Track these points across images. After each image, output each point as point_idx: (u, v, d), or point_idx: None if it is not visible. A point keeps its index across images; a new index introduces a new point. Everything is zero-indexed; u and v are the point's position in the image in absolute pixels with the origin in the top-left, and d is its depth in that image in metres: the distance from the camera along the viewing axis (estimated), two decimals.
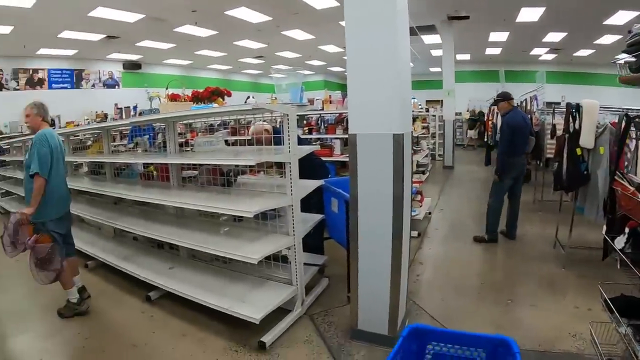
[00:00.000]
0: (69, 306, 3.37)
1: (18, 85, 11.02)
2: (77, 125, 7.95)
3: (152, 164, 4.28)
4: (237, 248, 2.84)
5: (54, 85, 11.83)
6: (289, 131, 2.89)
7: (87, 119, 10.35)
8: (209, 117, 4.33)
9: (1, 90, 10.78)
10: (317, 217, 3.49)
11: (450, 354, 1.65)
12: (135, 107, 6.60)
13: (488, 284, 3.75)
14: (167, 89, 3.80)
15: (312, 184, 3.32)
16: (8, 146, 7.89)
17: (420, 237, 5.13)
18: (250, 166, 3.82)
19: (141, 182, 4.46)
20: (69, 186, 3.58)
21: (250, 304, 2.89)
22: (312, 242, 3.69)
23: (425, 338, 1.67)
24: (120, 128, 6.11)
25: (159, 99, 4.07)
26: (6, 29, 8.42)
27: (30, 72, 11.29)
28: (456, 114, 12.78)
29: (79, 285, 3.58)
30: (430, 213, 6.18)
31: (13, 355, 2.91)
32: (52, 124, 3.49)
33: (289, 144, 2.90)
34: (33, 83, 11.35)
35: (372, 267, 2.68)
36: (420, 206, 5.59)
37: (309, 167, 3.50)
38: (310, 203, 3.57)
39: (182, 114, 3.40)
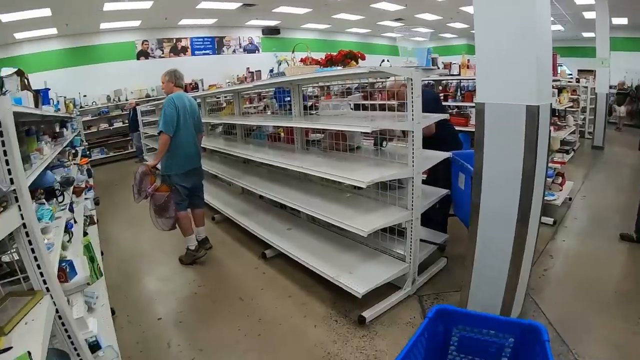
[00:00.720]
0: (188, 254, 3.82)
1: (163, 53, 12.26)
2: (219, 88, 8.81)
3: (277, 126, 4.48)
4: (350, 218, 2.77)
5: (196, 52, 12.81)
6: (412, 97, 2.66)
7: (229, 82, 11.33)
8: (330, 79, 4.30)
9: (147, 59, 12.05)
10: (441, 192, 3.20)
11: (477, 337, 1.59)
12: (271, 71, 7.01)
13: (623, 294, 2.99)
14: (293, 52, 3.87)
15: (438, 156, 3.03)
16: (154, 108, 9.10)
17: (556, 225, 4.37)
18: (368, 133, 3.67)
19: (268, 144, 4.68)
20: (204, 145, 4.05)
21: (357, 276, 2.84)
22: (436, 218, 3.48)
23: (452, 320, 1.62)
24: (257, 90, 6.53)
25: (287, 62, 4.21)
26: (147, 4, 9.20)
27: (174, 41, 12.36)
28: (610, 87, 10.50)
29: (202, 236, 3.99)
30: (570, 199, 5.23)
31: (132, 292, 3.46)
32: (185, 89, 3.81)
33: (413, 111, 2.67)
34: (177, 51, 12.46)
35: (490, 253, 2.38)
36: (560, 190, 4.77)
37: (440, 136, 3.26)
38: (437, 176, 3.32)
39: (304, 76, 3.44)
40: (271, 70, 4.33)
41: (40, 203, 2.31)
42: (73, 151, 5.18)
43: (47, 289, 1.48)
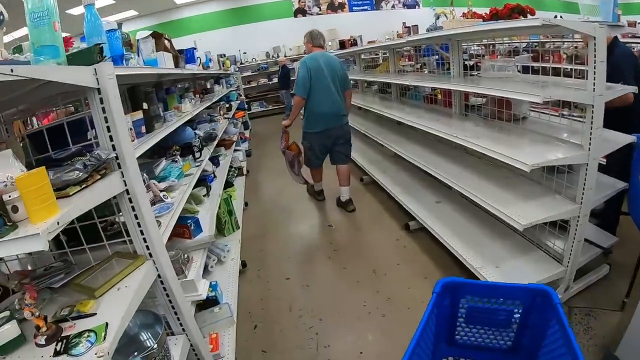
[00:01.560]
0: (311, 190, 4.28)
1: (320, 10, 12.36)
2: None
3: (434, 88, 3.97)
4: (506, 204, 2.26)
5: (354, 8, 12.61)
6: (594, 61, 1.90)
7: (388, 38, 10.80)
8: (494, 35, 3.53)
9: (305, 16, 12.23)
10: (618, 184, 2.38)
11: (486, 307, 1.56)
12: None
13: None
14: (451, 4, 3.34)
15: (620, 139, 2.22)
16: None
17: None
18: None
19: (424, 106, 4.20)
20: (357, 104, 3.97)
21: (503, 272, 2.36)
22: (606, 216, 2.74)
23: (459, 292, 1.58)
24: (409, 46, 6.04)
25: (445, 15, 3.68)
26: None
27: None
28: None
29: (346, 197, 4.04)
30: None
31: (268, 247, 3.58)
32: (343, 45, 4.07)
33: (595, 79, 1.93)
34: (334, 7, 12.42)
35: None
36: None
37: (629, 112, 2.46)
38: (610, 161, 2.56)
39: (462, 30, 2.87)
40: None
41: (173, 160, 2.47)
42: (227, 105, 5.62)
43: (150, 255, 1.49)
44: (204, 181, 3.13)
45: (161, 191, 2.00)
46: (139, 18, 11.24)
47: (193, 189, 3.02)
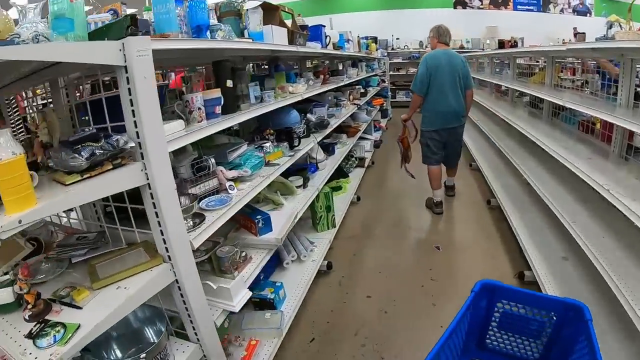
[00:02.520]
0: (429, 202, 4.02)
1: (482, 4, 11.30)
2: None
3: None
4: None
5: (519, 6, 11.35)
6: None
7: (552, 45, 9.04)
8: None
9: (465, 8, 11.33)
10: None
11: (519, 314, 1.58)
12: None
13: None
14: (629, 11, 2.42)
15: None
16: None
17: None
18: None
19: (577, 134, 3.30)
20: (502, 115, 3.70)
21: None
22: None
23: (496, 295, 1.60)
24: (574, 56, 4.83)
25: (620, 25, 2.67)
26: None
27: None
28: None
29: (450, 183, 4.13)
30: None
31: (363, 251, 3.27)
32: (503, 45, 4.01)
33: None
34: (497, 3, 11.29)
35: None
36: None
37: None
38: None
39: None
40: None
41: (261, 145, 2.31)
42: (362, 90, 5.33)
43: (169, 257, 1.33)
44: (303, 170, 2.95)
45: (229, 180, 1.85)
46: None
47: (288, 178, 2.90)
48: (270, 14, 2.50)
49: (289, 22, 2.78)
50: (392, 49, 11.41)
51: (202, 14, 1.63)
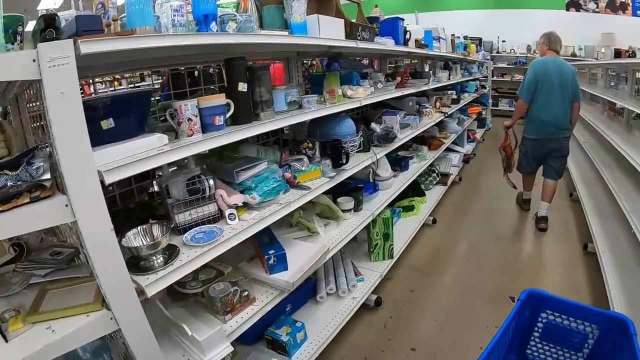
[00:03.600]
0: (518, 198, 4.05)
1: (597, 7, 9.78)
2: None
3: None
4: None
5: (638, 12, 9.47)
6: None
7: None
8: None
9: (578, 11, 9.89)
10: None
11: (562, 325, 1.58)
12: None
13: None
14: None
15: None
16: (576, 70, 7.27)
17: None
18: None
19: None
20: (614, 141, 3.29)
21: None
22: None
23: (540, 305, 1.60)
24: None
25: None
26: None
27: None
28: None
29: (541, 213, 3.65)
30: None
31: (424, 289, 2.79)
32: (619, 55, 3.58)
33: None
34: (614, 7, 9.63)
35: None
36: None
37: None
38: None
39: None
40: None
41: (287, 163, 1.94)
42: (454, 96, 4.64)
43: (108, 307, 1.04)
44: (357, 190, 2.51)
45: (230, 207, 1.51)
46: None
47: (338, 198, 2.50)
48: (326, 3, 2.11)
49: (352, 14, 2.38)
50: (497, 52, 10.41)
51: (204, 3, 1.31)
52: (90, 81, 1.81)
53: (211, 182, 1.50)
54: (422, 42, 3.41)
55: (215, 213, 1.53)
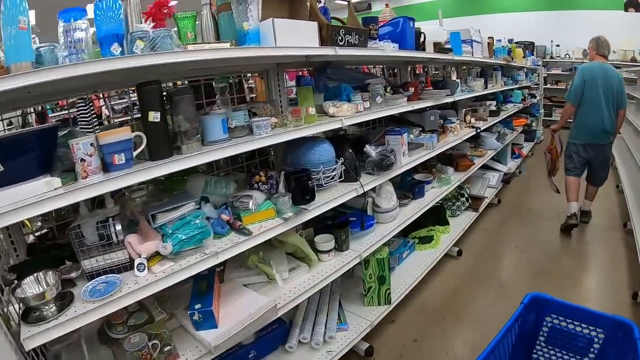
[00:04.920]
0: (565, 219, 3.80)
1: None
2: None
3: None
4: None
5: None
6: None
7: None
8: None
9: (638, 11, 9.11)
10: None
11: (567, 329, 1.63)
12: None
13: None
14: None
15: None
16: (636, 77, 6.84)
17: None
18: None
19: None
20: None
21: None
22: None
23: (545, 309, 1.65)
24: None
25: None
26: None
27: None
28: None
29: (586, 208, 3.96)
30: None
31: (430, 340, 2.41)
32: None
33: None
34: None
35: None
36: None
37: None
38: None
39: None
40: None
41: (237, 199, 1.73)
42: (493, 107, 4.19)
43: None
44: (340, 228, 2.22)
45: (140, 256, 1.33)
46: None
47: (317, 235, 2.24)
48: (298, 4, 1.87)
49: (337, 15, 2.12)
50: (551, 57, 9.77)
51: (109, 23, 1.15)
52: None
53: (118, 227, 1.32)
54: (445, 45, 3.06)
55: (126, 261, 1.35)
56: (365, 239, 2.35)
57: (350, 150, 2.16)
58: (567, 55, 9.68)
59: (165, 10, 1.45)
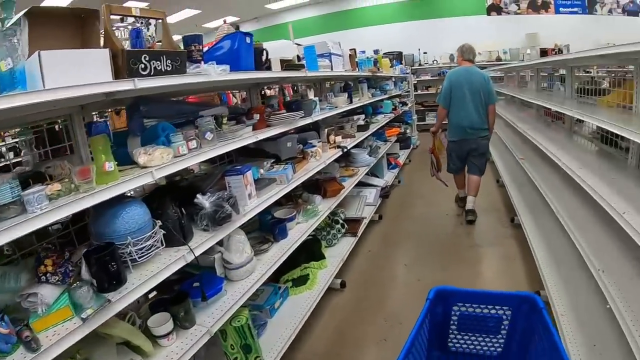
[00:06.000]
0: (456, 198, 4.74)
1: (519, 9, 10.79)
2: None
3: None
4: None
5: (561, 9, 10.66)
6: None
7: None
8: None
9: (500, 14, 10.75)
10: None
11: (476, 313, 1.75)
12: None
13: None
14: None
15: None
16: (502, 74, 8.14)
17: None
18: None
19: None
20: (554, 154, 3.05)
21: None
22: None
23: (451, 299, 1.77)
24: None
25: None
26: None
27: None
28: None
29: (469, 206, 4.38)
30: None
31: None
32: (546, 53, 4.37)
33: None
34: (536, 6, 10.69)
35: None
36: None
37: None
38: None
39: None
40: None
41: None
42: (362, 122, 4.14)
43: None
44: (177, 304, 1.81)
45: None
46: (310, 6, 11.64)
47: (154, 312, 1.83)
48: (89, 29, 1.46)
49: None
50: (420, 64, 10.70)
51: None
52: None
53: None
54: (298, 61, 2.84)
55: None
56: (216, 306, 1.99)
57: (176, 205, 1.76)
58: (435, 61, 10.61)
59: None
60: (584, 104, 3.39)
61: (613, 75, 4.15)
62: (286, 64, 2.72)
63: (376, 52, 6.60)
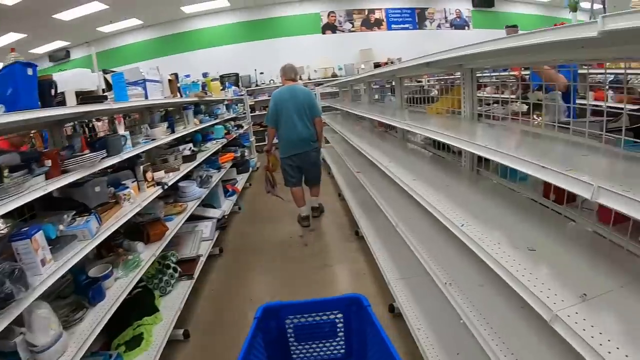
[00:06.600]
0: (298, 218, 4.93)
1: (353, 27, 11.80)
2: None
3: None
4: None
5: (393, 25, 12.00)
6: None
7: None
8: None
9: (334, 32, 11.69)
10: None
11: (310, 322, 1.86)
12: None
13: None
14: None
15: None
16: (337, 90, 8.58)
17: None
18: None
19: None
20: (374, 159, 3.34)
21: None
22: None
23: (282, 313, 1.85)
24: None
25: None
26: None
27: (366, 12, 11.83)
28: None
29: (314, 204, 5.03)
30: None
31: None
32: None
33: None
34: (370, 24, 11.88)
35: None
36: None
37: None
38: None
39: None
40: None
41: None
42: (189, 152, 3.92)
43: None
44: None
45: None
46: (144, 29, 11.31)
47: None
48: None
49: None
50: (257, 84, 10.91)
51: None
52: None
53: None
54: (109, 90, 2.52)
55: None
56: None
57: None
58: (272, 81, 10.86)
59: None
60: (414, 113, 3.65)
61: (442, 82, 4.54)
62: (82, 97, 2.38)
63: (205, 75, 6.41)
